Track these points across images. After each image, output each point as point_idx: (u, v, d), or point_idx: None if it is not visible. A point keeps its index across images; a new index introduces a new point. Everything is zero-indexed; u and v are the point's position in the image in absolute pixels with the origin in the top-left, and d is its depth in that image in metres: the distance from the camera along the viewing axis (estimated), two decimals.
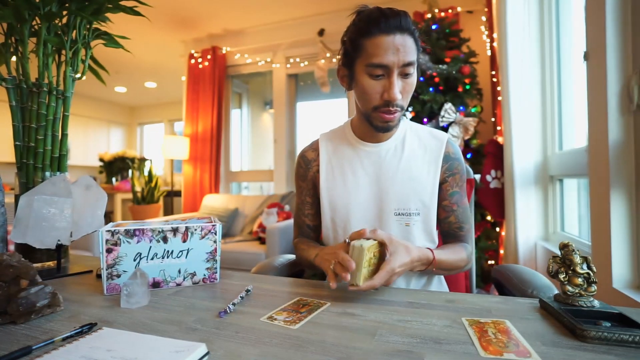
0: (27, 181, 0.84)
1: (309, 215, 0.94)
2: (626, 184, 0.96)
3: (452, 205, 0.85)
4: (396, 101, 0.73)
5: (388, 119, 0.76)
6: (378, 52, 0.71)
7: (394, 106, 0.74)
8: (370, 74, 0.74)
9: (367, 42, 0.73)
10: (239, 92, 4.50)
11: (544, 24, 1.84)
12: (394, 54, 0.71)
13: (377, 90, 0.74)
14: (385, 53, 0.71)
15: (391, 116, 0.76)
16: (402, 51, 0.71)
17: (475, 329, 0.48)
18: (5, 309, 0.51)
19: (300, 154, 0.94)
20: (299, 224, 0.96)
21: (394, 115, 0.76)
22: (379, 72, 0.73)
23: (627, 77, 0.95)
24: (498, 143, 2.14)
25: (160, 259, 0.66)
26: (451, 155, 0.85)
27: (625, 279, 0.98)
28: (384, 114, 0.76)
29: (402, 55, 0.71)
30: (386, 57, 0.71)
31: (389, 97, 0.73)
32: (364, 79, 0.75)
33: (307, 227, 0.95)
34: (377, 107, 0.76)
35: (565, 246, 0.55)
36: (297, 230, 0.98)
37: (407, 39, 0.72)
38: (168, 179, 5.18)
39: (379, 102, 0.75)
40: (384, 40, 0.71)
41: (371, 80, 0.74)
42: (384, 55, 0.71)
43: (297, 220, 0.97)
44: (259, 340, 0.45)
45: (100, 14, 0.91)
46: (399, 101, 0.74)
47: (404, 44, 0.71)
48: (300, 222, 0.96)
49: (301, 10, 3.51)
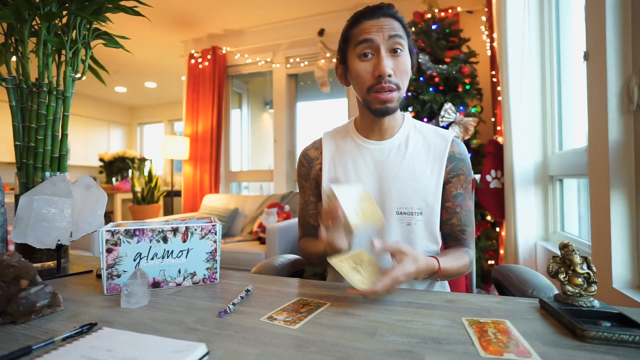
0: (27, 181, 0.84)
1: (313, 215, 0.92)
2: (626, 184, 0.96)
3: (456, 207, 0.84)
4: (388, 76, 0.74)
5: (384, 98, 0.76)
6: (363, 33, 0.76)
7: (387, 82, 0.75)
8: (360, 55, 0.77)
9: (354, 30, 0.78)
10: (239, 92, 4.50)
11: (544, 24, 1.84)
12: (379, 31, 0.75)
13: (368, 70, 0.77)
14: (369, 32, 0.76)
15: (386, 95, 0.76)
16: (387, 27, 0.75)
17: (475, 329, 0.48)
18: (5, 309, 0.51)
19: (302, 152, 0.94)
20: (304, 224, 0.94)
21: (389, 94, 0.76)
22: (367, 49, 0.76)
23: (627, 77, 0.95)
24: (498, 143, 2.14)
25: (160, 259, 0.66)
26: (456, 156, 0.84)
27: (625, 279, 0.98)
28: (378, 94, 0.76)
29: (387, 30, 0.75)
30: (371, 34, 0.75)
31: (380, 71, 0.74)
32: (355, 63, 0.78)
33: (313, 228, 0.92)
34: (370, 88, 0.77)
35: (565, 246, 0.55)
36: (302, 231, 0.96)
37: (391, 21, 0.76)
38: (168, 179, 5.18)
39: (371, 81, 0.76)
40: (368, 22, 0.76)
41: (361, 63, 0.77)
42: (369, 32, 0.75)
43: (301, 220, 0.95)
44: (259, 340, 0.45)
45: (100, 14, 0.91)
46: (392, 78, 0.75)
47: (388, 23, 0.76)
48: (304, 222, 0.94)
49: (301, 10, 3.51)
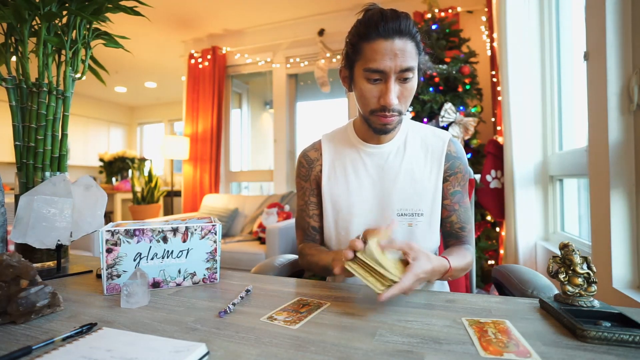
0: (27, 181, 0.84)
1: (314, 216, 0.91)
2: (626, 184, 0.96)
3: (454, 204, 0.85)
4: (392, 106, 0.73)
5: (385, 122, 0.76)
6: (375, 57, 0.71)
7: (390, 111, 0.74)
8: (368, 78, 0.73)
9: (366, 45, 0.72)
10: (239, 92, 4.50)
11: (544, 24, 1.84)
12: (392, 60, 0.70)
13: (374, 95, 0.74)
14: (383, 58, 0.70)
15: (388, 119, 0.75)
16: (401, 56, 0.70)
17: (475, 329, 0.48)
18: (5, 309, 0.51)
19: (302, 153, 0.93)
20: (303, 226, 0.92)
21: (391, 119, 0.76)
22: (376, 76, 0.72)
23: (627, 77, 0.95)
24: (498, 143, 2.14)
25: (160, 259, 0.66)
26: (452, 154, 0.84)
27: (625, 279, 0.98)
28: (381, 118, 0.76)
29: (399, 60, 0.70)
30: (383, 63, 0.70)
31: (385, 102, 0.72)
32: (362, 82, 0.75)
33: (313, 229, 0.91)
34: (374, 111, 0.76)
35: (565, 246, 0.55)
36: (302, 234, 0.93)
37: (406, 43, 0.70)
38: (168, 179, 5.18)
39: (375, 106, 0.75)
40: (382, 45, 0.70)
41: (368, 85, 0.74)
42: (381, 60, 0.70)
43: (300, 222, 0.93)
44: (259, 340, 0.45)
45: (100, 14, 0.91)
46: (395, 106, 0.73)
47: (402, 48, 0.70)
48: (304, 224, 0.92)
49: (301, 10, 3.51)
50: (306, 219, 0.91)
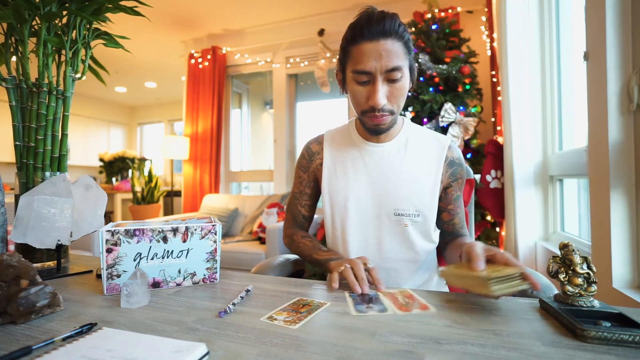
0: (27, 181, 0.84)
1: (305, 206, 0.96)
2: (626, 184, 0.96)
3: (457, 208, 0.88)
4: (381, 107, 0.74)
5: (376, 122, 0.77)
6: (361, 59, 0.73)
7: (379, 111, 0.75)
8: (357, 80, 0.75)
9: (353, 48, 0.74)
10: (239, 92, 4.50)
11: (544, 24, 1.84)
12: (377, 60, 0.72)
13: (363, 96, 0.76)
14: (368, 60, 0.72)
15: (379, 119, 0.77)
16: (385, 57, 0.71)
17: (389, 298, 0.62)
18: (5, 309, 0.51)
19: (306, 145, 0.96)
20: (294, 212, 0.97)
21: (382, 119, 0.77)
22: (364, 78, 0.74)
23: (627, 77, 0.95)
24: (498, 143, 2.14)
25: (160, 259, 0.66)
26: (455, 161, 0.86)
27: (625, 279, 0.98)
28: (372, 118, 0.77)
29: (385, 61, 0.71)
30: (368, 64, 0.72)
31: (373, 103, 0.74)
32: (352, 84, 0.77)
33: (303, 217, 0.97)
34: (364, 112, 0.78)
35: (565, 246, 0.55)
36: (292, 218, 0.98)
37: (393, 44, 0.72)
38: (168, 179, 5.18)
39: (365, 107, 0.77)
40: (366, 46, 0.72)
41: (358, 86, 0.76)
42: (367, 62, 0.72)
43: (292, 208, 0.98)
44: (259, 340, 0.45)
45: (100, 14, 0.91)
46: (384, 106, 0.75)
47: (388, 49, 0.71)
48: (295, 210, 0.97)
49: (301, 10, 3.51)
50: (298, 207, 0.97)
